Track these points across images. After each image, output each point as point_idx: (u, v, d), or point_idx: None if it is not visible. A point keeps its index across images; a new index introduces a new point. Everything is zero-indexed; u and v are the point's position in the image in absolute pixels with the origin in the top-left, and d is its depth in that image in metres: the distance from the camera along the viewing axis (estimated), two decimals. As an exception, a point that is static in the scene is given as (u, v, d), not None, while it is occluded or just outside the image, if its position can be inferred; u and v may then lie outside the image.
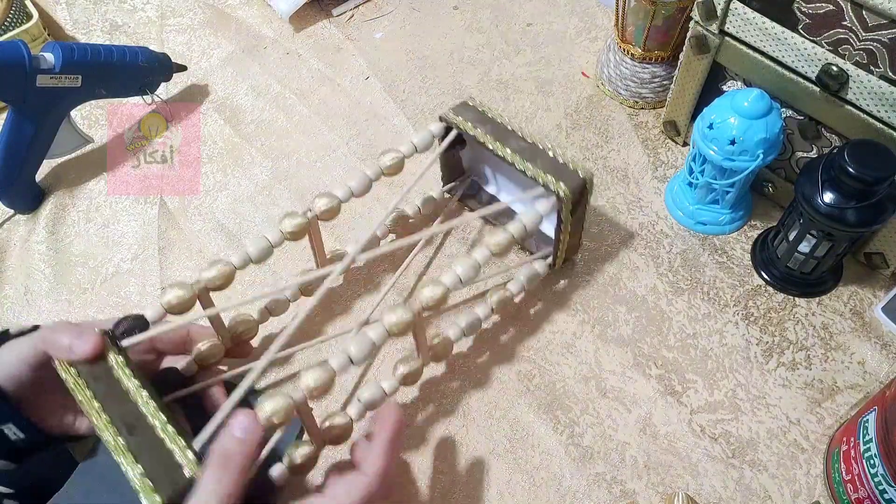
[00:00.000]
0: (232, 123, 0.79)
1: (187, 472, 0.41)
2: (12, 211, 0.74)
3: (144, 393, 0.45)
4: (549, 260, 0.63)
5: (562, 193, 0.55)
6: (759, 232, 0.67)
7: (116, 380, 0.46)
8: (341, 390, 0.60)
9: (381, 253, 0.59)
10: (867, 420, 0.49)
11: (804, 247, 0.60)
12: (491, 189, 0.71)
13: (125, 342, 0.49)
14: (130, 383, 0.46)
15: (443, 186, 0.70)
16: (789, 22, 0.55)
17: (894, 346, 0.60)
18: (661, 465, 0.56)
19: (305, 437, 0.49)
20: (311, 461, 0.48)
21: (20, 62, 0.64)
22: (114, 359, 0.47)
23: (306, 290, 0.61)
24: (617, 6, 0.71)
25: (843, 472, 0.51)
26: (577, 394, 0.59)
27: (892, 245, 0.61)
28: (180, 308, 0.51)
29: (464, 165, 0.70)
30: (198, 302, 0.53)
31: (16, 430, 0.51)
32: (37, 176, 0.73)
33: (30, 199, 0.73)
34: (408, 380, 0.54)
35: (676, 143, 0.74)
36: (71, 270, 0.69)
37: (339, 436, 0.49)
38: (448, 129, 0.62)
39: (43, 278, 0.69)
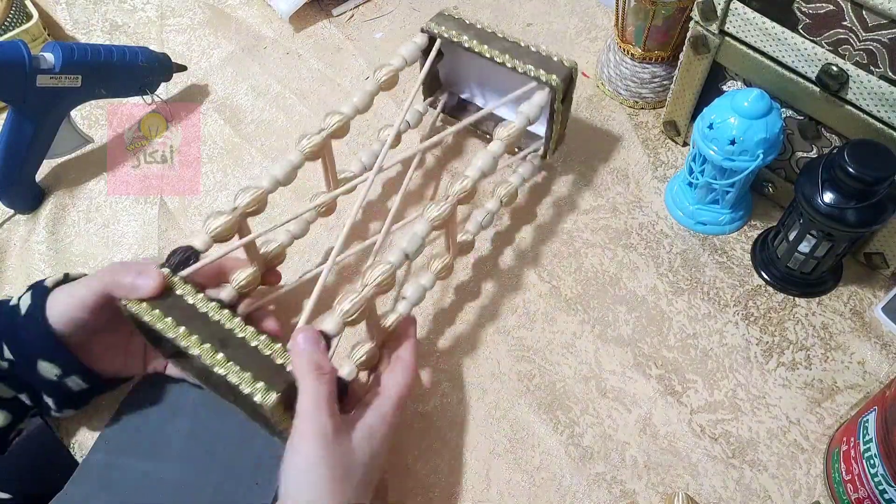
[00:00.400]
0: (232, 123, 0.79)
1: (290, 369, 0.45)
2: (12, 211, 0.74)
3: (225, 311, 0.48)
4: (541, 151, 0.68)
5: (553, 83, 0.60)
6: (759, 232, 0.67)
7: (192, 305, 0.49)
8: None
9: (398, 160, 0.63)
10: (867, 420, 0.49)
11: (804, 247, 0.60)
12: (472, 98, 0.75)
13: (183, 272, 0.51)
14: (207, 307, 0.49)
15: (424, 100, 0.72)
16: (789, 22, 0.55)
17: (894, 346, 0.60)
18: (661, 465, 0.56)
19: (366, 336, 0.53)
20: (373, 357, 0.52)
21: (20, 62, 0.64)
22: (183, 288, 0.49)
23: (324, 211, 0.64)
24: (617, 6, 0.71)
25: (843, 472, 0.51)
26: (577, 394, 0.59)
27: (892, 245, 0.61)
28: (224, 235, 0.54)
29: (441, 80, 0.74)
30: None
31: (79, 380, 0.53)
32: (37, 176, 0.73)
33: (30, 199, 0.73)
34: (441, 274, 0.59)
35: (676, 143, 0.74)
36: (71, 270, 0.69)
37: (394, 331, 0.54)
38: (432, 42, 0.65)
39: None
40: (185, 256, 0.52)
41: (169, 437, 0.57)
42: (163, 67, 0.77)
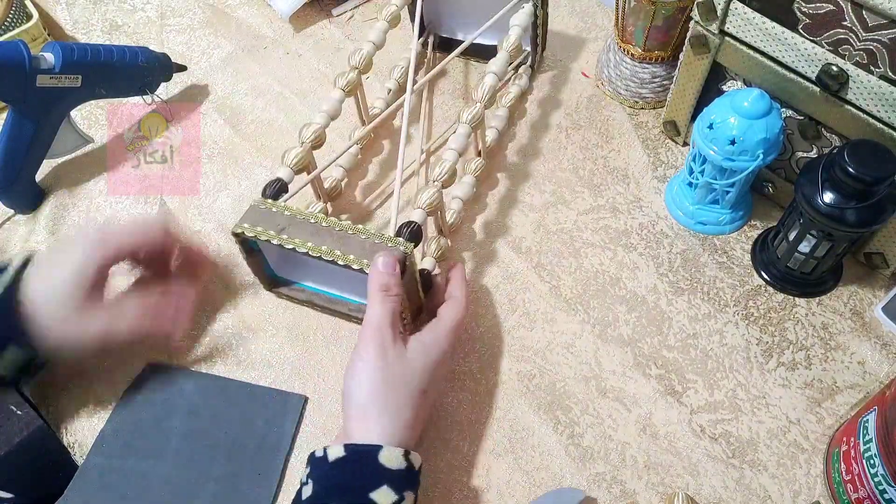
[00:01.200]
0: (232, 123, 0.79)
1: (402, 248, 0.54)
2: (12, 211, 0.74)
3: (332, 218, 0.56)
4: (529, 62, 0.78)
5: None
6: (759, 232, 0.67)
7: (302, 220, 0.56)
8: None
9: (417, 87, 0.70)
10: (867, 420, 0.49)
11: (804, 247, 0.60)
12: (453, 34, 0.82)
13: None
14: (317, 217, 0.56)
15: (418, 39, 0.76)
16: (789, 22, 0.55)
17: (894, 346, 0.60)
18: (661, 465, 0.56)
19: (434, 233, 0.64)
20: (445, 249, 0.64)
21: (20, 62, 0.64)
22: (286, 210, 0.57)
23: (364, 144, 0.75)
24: (617, 6, 0.71)
25: (843, 472, 0.51)
26: (577, 394, 0.59)
27: (892, 245, 0.61)
28: (302, 165, 0.62)
29: (424, 23, 0.80)
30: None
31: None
32: (37, 176, 0.73)
33: (30, 199, 0.74)
34: (478, 173, 0.69)
35: (676, 143, 0.74)
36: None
37: (457, 226, 0.67)
38: None
39: (43, 278, 0.69)
40: (277, 188, 0.60)
41: (167, 434, 0.57)
42: (163, 67, 0.77)
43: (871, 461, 0.47)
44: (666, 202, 0.70)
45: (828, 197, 0.55)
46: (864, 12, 0.51)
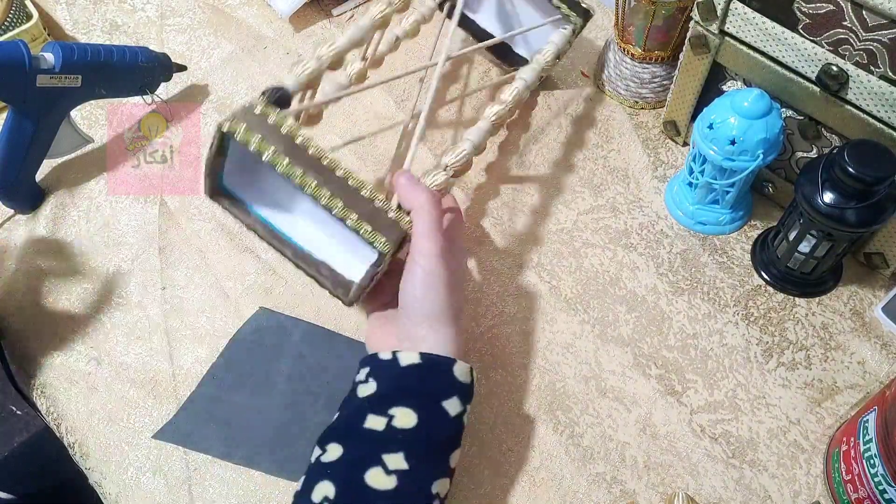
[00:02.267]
0: (232, 123, 0.79)
1: (404, 226, 0.50)
2: (12, 211, 0.74)
3: (333, 157, 0.50)
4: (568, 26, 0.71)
5: (575, 21, 0.69)
6: (759, 232, 0.67)
7: (299, 146, 0.50)
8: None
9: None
10: (867, 420, 0.49)
11: (804, 247, 0.60)
12: (476, 12, 0.79)
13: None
14: (317, 150, 0.50)
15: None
16: (789, 22, 0.55)
17: (894, 346, 0.60)
18: (661, 465, 0.56)
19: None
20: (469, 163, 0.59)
21: (20, 62, 0.64)
22: (286, 124, 0.50)
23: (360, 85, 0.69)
24: (617, 6, 0.71)
25: (843, 472, 0.51)
26: (577, 394, 0.59)
27: (892, 245, 0.61)
28: (309, 82, 0.58)
29: None
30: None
31: None
32: (37, 176, 0.73)
33: (30, 199, 0.73)
34: (498, 121, 0.62)
35: (676, 143, 0.74)
36: (71, 271, 0.69)
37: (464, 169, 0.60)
38: None
39: (43, 278, 0.69)
40: (278, 96, 0.53)
41: (275, 376, 0.60)
42: (163, 67, 0.77)
43: (871, 461, 0.47)
44: (666, 202, 0.70)
45: (828, 197, 0.55)
46: (864, 12, 0.51)
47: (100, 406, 0.60)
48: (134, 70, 0.74)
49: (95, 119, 0.80)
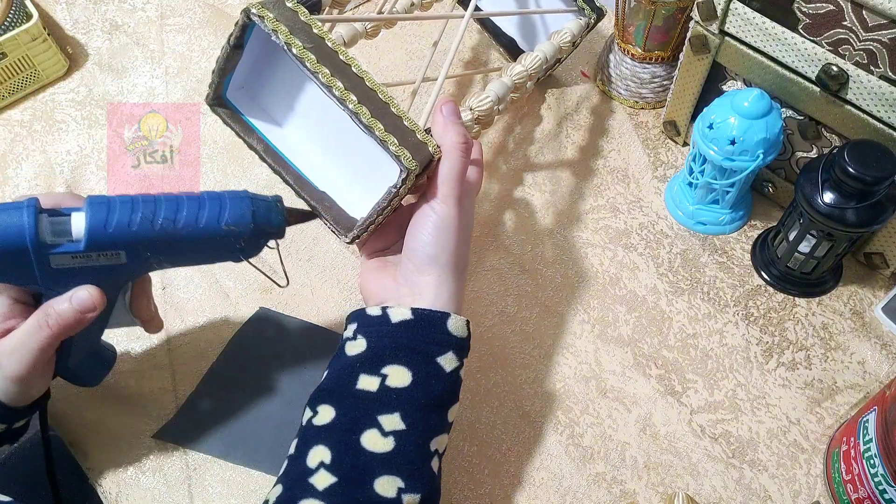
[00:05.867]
0: (232, 123, 0.79)
1: (433, 150, 0.46)
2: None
3: (363, 69, 0.47)
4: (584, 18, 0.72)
5: (589, 16, 0.70)
6: (759, 232, 0.67)
7: (335, 52, 0.47)
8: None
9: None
10: (867, 420, 0.49)
11: (804, 247, 0.60)
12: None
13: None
14: (344, 55, 0.47)
15: None
16: (789, 22, 0.55)
17: (894, 346, 0.60)
18: (661, 465, 0.56)
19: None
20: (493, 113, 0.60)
21: (18, 241, 0.43)
22: (322, 31, 0.47)
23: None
24: (617, 6, 0.71)
25: (843, 472, 0.51)
26: (577, 394, 0.59)
27: (892, 245, 0.61)
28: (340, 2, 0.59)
29: None
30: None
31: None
32: (36, 176, 0.73)
33: (97, 371, 0.55)
34: (519, 82, 0.64)
35: (676, 143, 0.74)
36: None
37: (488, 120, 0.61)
38: None
39: (43, 278, 0.69)
40: (309, 2, 0.52)
41: (274, 377, 0.60)
42: (266, 224, 0.50)
43: (871, 461, 0.47)
44: (666, 202, 0.70)
45: (828, 197, 0.55)
46: (864, 12, 0.51)
47: (99, 406, 0.60)
48: (212, 238, 0.48)
49: (95, 119, 0.80)
